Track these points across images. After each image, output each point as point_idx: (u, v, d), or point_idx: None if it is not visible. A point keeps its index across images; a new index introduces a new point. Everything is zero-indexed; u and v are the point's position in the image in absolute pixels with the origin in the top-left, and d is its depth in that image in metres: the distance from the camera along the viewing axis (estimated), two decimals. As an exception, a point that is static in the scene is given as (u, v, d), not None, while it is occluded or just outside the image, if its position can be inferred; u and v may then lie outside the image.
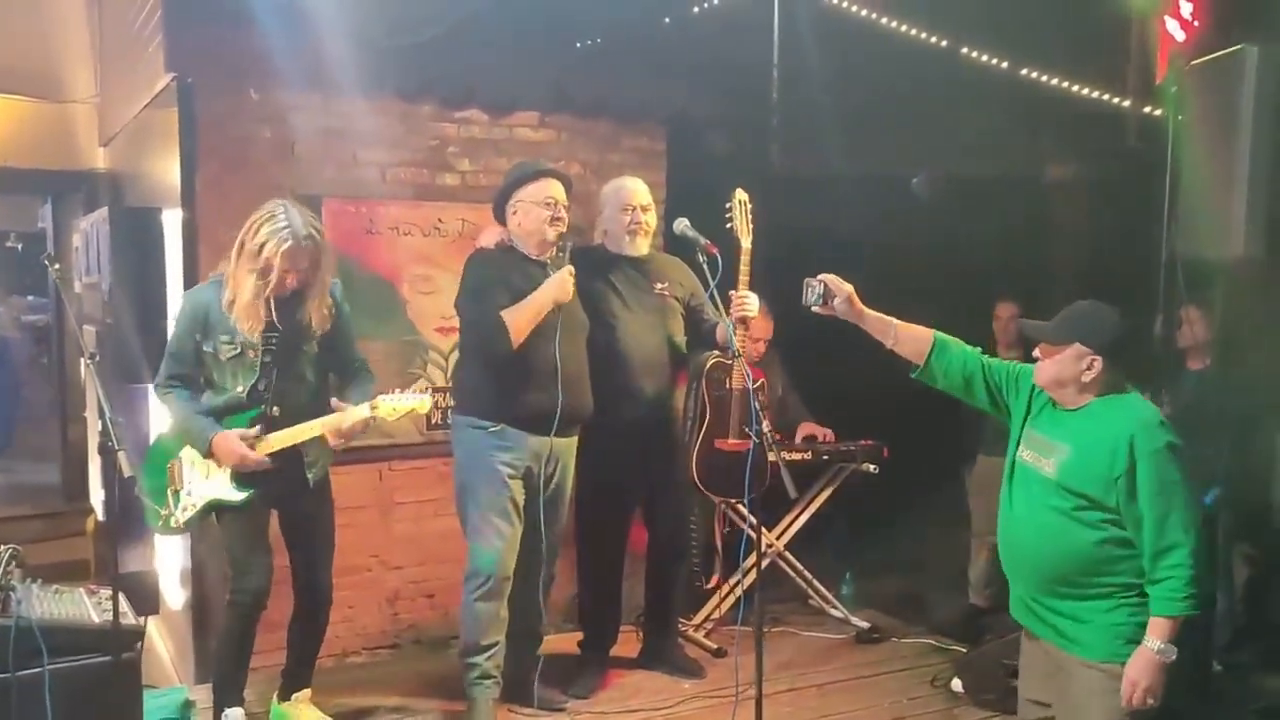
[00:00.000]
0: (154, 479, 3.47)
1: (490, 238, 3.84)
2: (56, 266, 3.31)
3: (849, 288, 2.95)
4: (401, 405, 3.38)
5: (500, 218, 3.82)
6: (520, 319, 3.57)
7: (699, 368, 3.95)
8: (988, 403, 2.89)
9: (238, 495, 3.38)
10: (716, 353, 3.95)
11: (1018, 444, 2.79)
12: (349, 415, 3.37)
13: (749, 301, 3.77)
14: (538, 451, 3.70)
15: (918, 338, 2.94)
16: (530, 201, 3.71)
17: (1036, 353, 2.72)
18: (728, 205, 3.84)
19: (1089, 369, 2.62)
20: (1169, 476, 2.49)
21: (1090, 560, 2.56)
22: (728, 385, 3.90)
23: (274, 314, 3.33)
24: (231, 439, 3.33)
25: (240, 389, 3.37)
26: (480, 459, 3.68)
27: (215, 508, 3.42)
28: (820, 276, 2.95)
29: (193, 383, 3.42)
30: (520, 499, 3.71)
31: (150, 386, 3.59)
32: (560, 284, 3.61)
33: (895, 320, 2.95)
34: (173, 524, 3.46)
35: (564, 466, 3.82)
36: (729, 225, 3.83)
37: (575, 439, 3.85)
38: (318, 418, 3.39)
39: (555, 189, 3.73)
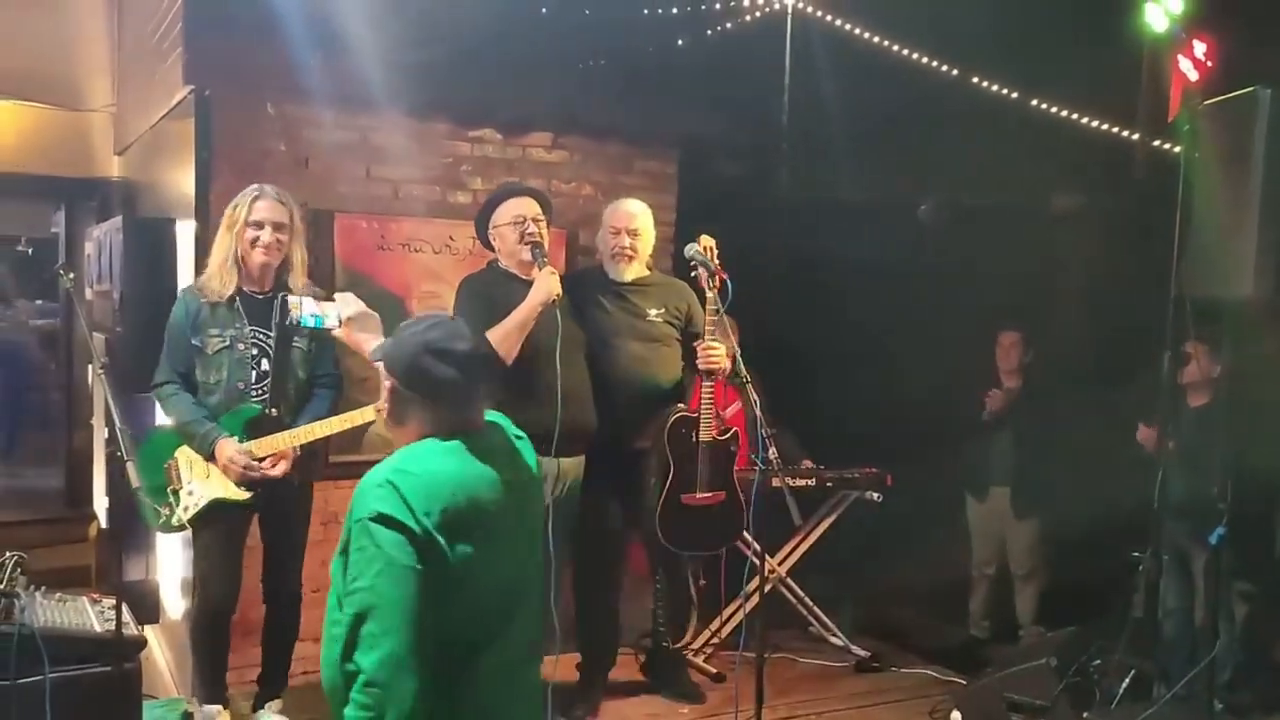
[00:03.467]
0: (150, 478, 3.41)
1: None
2: (71, 276, 3.34)
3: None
4: None
5: (488, 246, 3.89)
6: (506, 333, 3.58)
7: (661, 422, 3.82)
8: None
9: (244, 494, 3.41)
10: (680, 406, 3.85)
11: None
12: (355, 417, 3.39)
13: (715, 352, 3.74)
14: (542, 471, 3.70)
15: None
16: (503, 224, 3.78)
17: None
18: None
19: (392, 404, 1.99)
20: (366, 559, 1.78)
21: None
22: (694, 439, 3.80)
23: (272, 314, 3.43)
24: (232, 448, 3.35)
25: (231, 383, 3.39)
26: None
27: (218, 506, 3.42)
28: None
29: (189, 382, 3.45)
30: None
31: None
32: (543, 283, 3.59)
33: None
34: (174, 523, 3.46)
35: (571, 487, 3.81)
36: (693, 274, 3.78)
37: (582, 458, 3.84)
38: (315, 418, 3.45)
39: (524, 205, 3.78)
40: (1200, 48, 3.49)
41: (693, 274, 3.81)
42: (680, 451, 3.80)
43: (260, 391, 3.44)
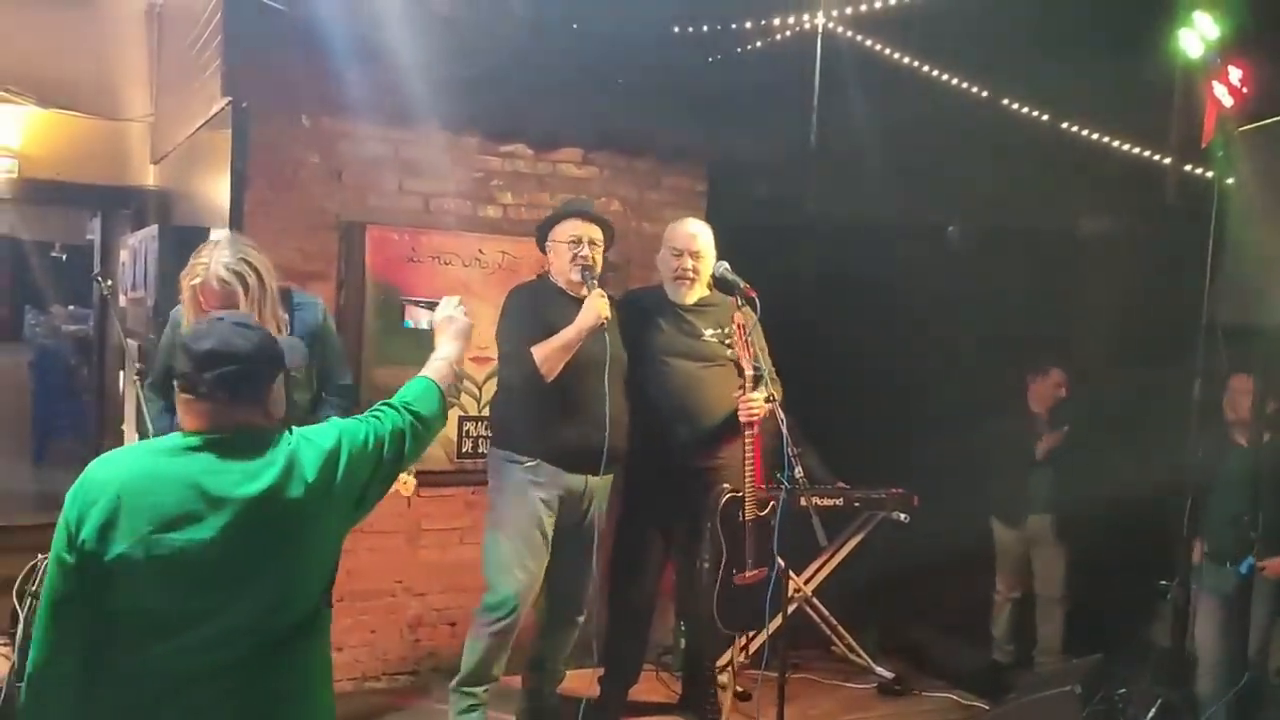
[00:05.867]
0: None
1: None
2: (109, 283, 3.37)
3: None
4: None
5: (544, 252, 3.91)
6: (550, 352, 3.59)
7: (713, 504, 3.82)
8: None
9: None
10: (728, 486, 3.82)
11: None
12: None
13: (754, 404, 3.73)
14: (573, 488, 3.71)
15: None
16: (559, 241, 3.78)
17: None
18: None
19: None
20: None
21: None
22: (740, 518, 3.79)
23: None
24: None
25: None
26: (515, 493, 3.69)
27: None
28: None
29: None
30: (550, 534, 3.72)
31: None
32: (591, 308, 3.59)
33: None
34: None
35: (598, 504, 3.81)
36: (728, 350, 3.80)
37: (610, 477, 3.84)
38: None
39: (583, 228, 3.77)
40: (1235, 73, 3.48)
41: (735, 302, 3.79)
42: (730, 532, 3.80)
43: None
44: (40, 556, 3.07)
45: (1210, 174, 3.75)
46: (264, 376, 2.03)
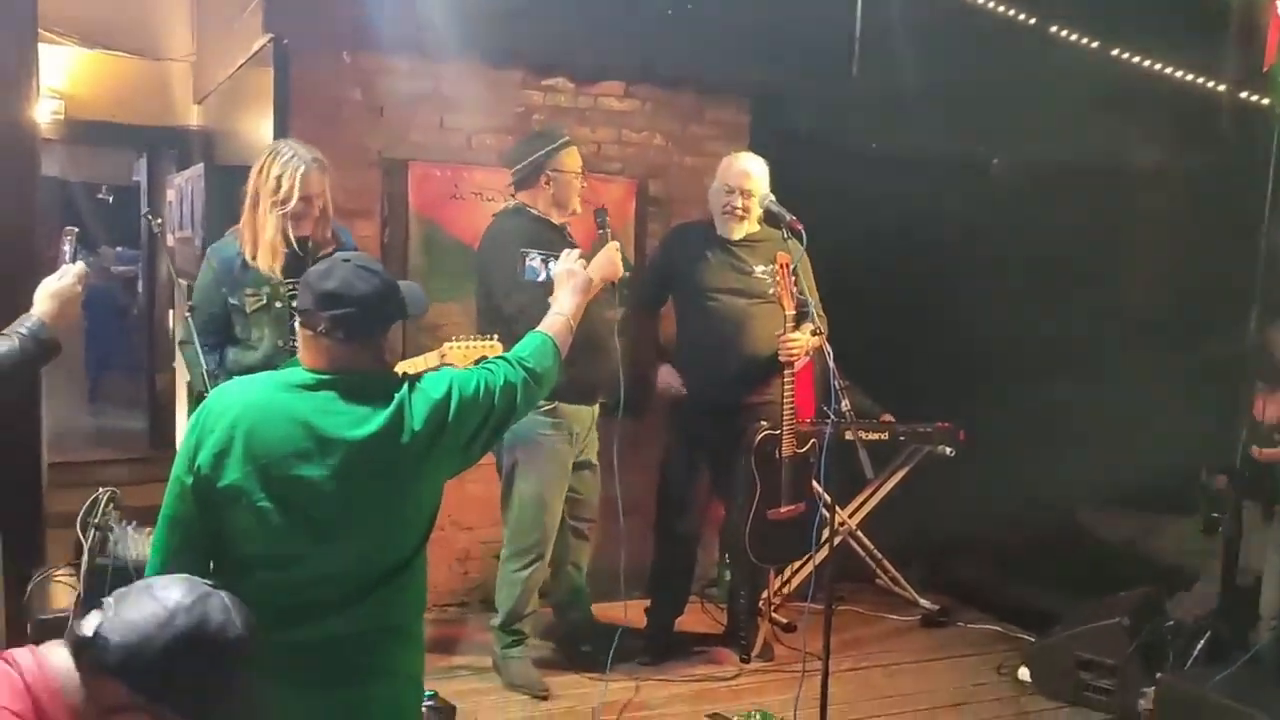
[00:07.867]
0: None
1: None
2: (159, 221, 3.40)
3: None
4: (472, 350, 3.33)
5: (523, 184, 3.76)
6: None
7: (748, 441, 3.84)
8: None
9: None
10: (765, 423, 3.83)
11: None
12: (415, 364, 3.37)
13: (794, 344, 3.74)
14: (585, 421, 3.77)
15: None
16: (569, 172, 3.71)
17: None
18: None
19: None
20: None
21: None
22: (777, 455, 3.82)
23: (301, 259, 3.14)
24: None
25: (273, 341, 3.20)
26: (536, 440, 3.67)
27: None
28: None
29: (221, 339, 3.27)
30: (569, 469, 3.78)
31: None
32: (612, 262, 3.07)
33: None
34: None
35: (591, 436, 3.86)
36: (771, 291, 3.77)
37: (595, 408, 3.83)
38: None
39: (580, 162, 3.77)
40: (1302, -8, 3.35)
41: (782, 235, 3.76)
42: (766, 469, 3.83)
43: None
44: (100, 490, 3.14)
45: (1269, 101, 3.64)
46: (380, 321, 2.03)
